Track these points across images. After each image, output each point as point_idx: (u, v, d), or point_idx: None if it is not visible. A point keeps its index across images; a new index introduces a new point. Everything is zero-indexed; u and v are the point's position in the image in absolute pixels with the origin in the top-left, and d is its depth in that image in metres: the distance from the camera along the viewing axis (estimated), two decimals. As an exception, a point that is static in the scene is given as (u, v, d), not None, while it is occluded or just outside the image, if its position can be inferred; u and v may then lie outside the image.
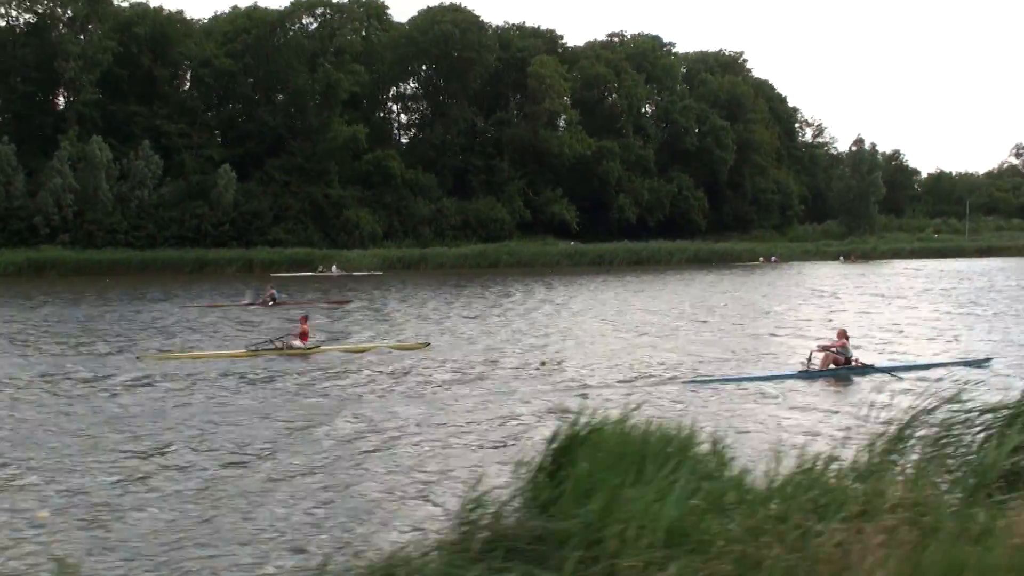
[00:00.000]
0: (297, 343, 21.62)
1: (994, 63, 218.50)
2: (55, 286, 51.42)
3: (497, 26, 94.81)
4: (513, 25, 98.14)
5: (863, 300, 39.12)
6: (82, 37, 76.44)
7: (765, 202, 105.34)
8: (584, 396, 15.72)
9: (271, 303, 35.92)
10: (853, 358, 18.69)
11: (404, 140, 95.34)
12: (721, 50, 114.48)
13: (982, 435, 6.62)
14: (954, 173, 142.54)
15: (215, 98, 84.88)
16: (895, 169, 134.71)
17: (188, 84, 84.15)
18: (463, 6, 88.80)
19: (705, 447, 6.28)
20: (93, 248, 70.09)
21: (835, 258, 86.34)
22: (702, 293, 44.21)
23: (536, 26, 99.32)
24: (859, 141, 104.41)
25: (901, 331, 27.20)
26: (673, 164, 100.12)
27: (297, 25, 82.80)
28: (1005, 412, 6.80)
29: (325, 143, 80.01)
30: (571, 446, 5.94)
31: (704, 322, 30.23)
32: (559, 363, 20.72)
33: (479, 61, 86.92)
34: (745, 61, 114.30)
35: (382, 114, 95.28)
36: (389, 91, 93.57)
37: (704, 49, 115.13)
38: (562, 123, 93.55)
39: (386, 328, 28.29)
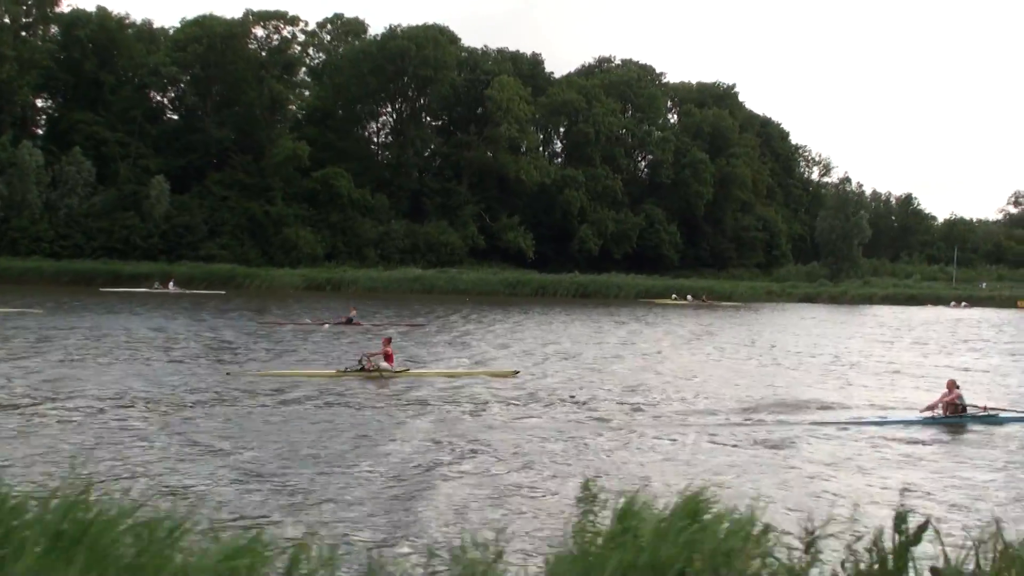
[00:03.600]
0: (384, 364, 21.68)
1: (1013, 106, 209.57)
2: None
3: (462, 46, 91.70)
4: (484, 46, 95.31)
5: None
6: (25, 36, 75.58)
7: (747, 239, 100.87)
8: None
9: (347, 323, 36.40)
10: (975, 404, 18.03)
11: (381, 159, 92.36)
12: (716, 82, 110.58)
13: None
14: (974, 220, 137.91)
15: (160, 108, 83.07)
16: (908, 214, 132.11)
17: (133, 92, 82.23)
18: (433, 23, 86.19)
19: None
20: (13, 256, 68.39)
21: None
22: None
23: (513, 49, 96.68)
24: (845, 180, 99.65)
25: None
26: (649, 196, 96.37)
27: (249, 38, 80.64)
28: None
29: (268, 158, 77.84)
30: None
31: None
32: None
33: (436, 79, 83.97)
34: (737, 93, 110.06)
35: (353, 131, 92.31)
36: (355, 108, 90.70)
37: (701, 80, 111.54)
38: (524, 147, 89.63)
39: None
